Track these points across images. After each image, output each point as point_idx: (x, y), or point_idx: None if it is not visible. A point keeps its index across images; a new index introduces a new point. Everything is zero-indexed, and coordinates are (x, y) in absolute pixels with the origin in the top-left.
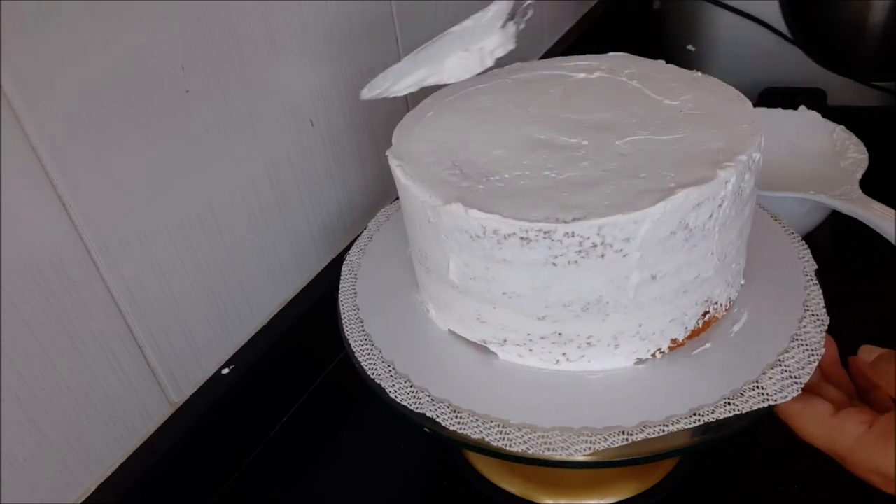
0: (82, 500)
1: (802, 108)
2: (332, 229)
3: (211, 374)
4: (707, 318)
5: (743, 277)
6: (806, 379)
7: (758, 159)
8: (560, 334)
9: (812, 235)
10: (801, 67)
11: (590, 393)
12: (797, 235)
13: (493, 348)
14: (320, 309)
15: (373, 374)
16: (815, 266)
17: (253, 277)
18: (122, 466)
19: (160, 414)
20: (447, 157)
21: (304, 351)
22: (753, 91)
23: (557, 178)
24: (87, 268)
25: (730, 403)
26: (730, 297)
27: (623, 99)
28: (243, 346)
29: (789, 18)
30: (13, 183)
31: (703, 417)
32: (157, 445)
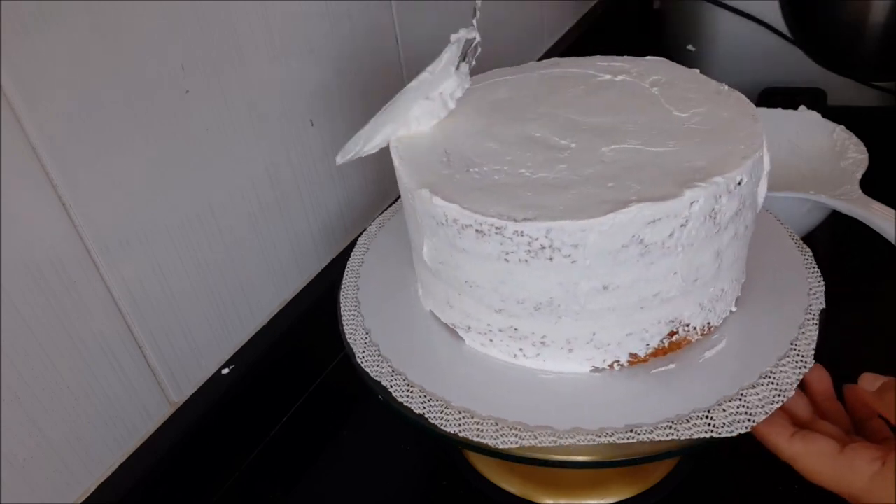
0: (82, 500)
1: (802, 108)
2: (332, 229)
3: (211, 374)
4: (675, 338)
5: (736, 304)
6: (761, 418)
7: (744, 183)
8: (516, 329)
9: (812, 235)
10: (801, 67)
11: (539, 391)
12: (816, 270)
13: (461, 333)
14: (320, 309)
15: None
16: (822, 305)
17: (253, 277)
18: (122, 466)
19: (160, 414)
20: (443, 144)
21: (304, 351)
22: (753, 91)
23: (531, 177)
24: (87, 268)
25: (671, 427)
26: (708, 322)
27: (634, 105)
28: (243, 346)
29: (789, 18)
30: (13, 183)
31: (638, 435)
32: (157, 445)
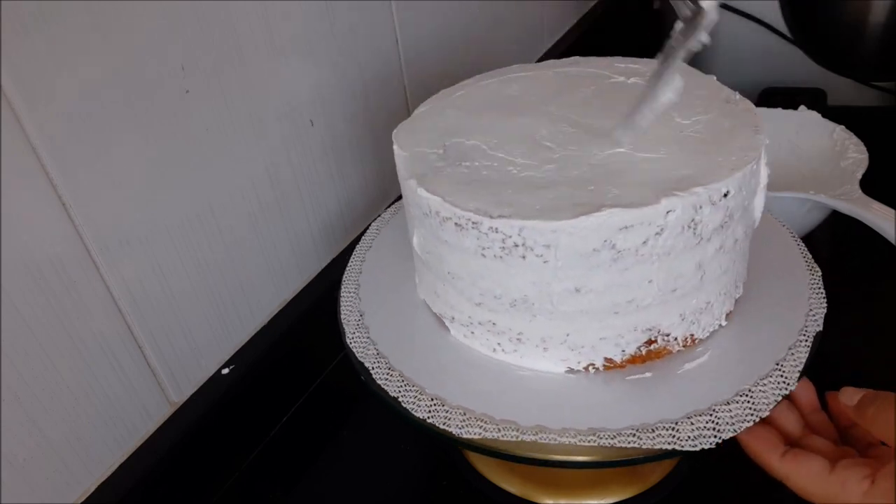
0: (82, 500)
1: (802, 108)
2: (332, 229)
3: (211, 374)
4: (654, 347)
5: (726, 319)
6: (728, 436)
7: (731, 195)
8: (494, 324)
9: (812, 235)
10: (801, 67)
11: (512, 387)
12: (822, 292)
13: (447, 323)
14: (320, 309)
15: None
16: (819, 328)
17: (253, 277)
18: (122, 466)
19: (160, 414)
20: (444, 137)
21: (304, 351)
22: (753, 91)
23: (517, 175)
24: (87, 268)
25: (635, 434)
26: (691, 334)
27: None
28: (243, 346)
29: (789, 18)
30: (13, 183)
31: (600, 440)
32: (157, 445)
